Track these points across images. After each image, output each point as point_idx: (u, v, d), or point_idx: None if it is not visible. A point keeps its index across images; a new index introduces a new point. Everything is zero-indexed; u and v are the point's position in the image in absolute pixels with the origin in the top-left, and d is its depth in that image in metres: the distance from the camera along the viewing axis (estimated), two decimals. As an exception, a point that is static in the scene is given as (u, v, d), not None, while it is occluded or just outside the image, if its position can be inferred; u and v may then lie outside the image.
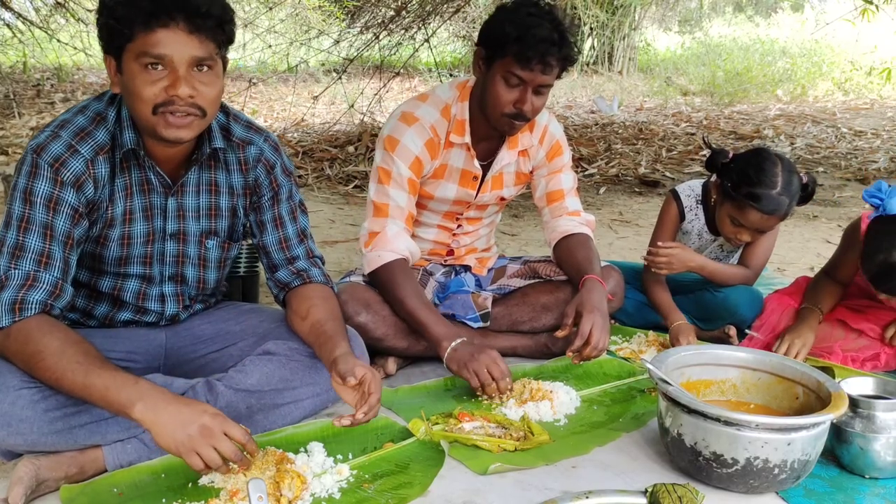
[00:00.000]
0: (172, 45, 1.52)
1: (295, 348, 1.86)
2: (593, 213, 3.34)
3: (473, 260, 2.55)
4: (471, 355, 2.02)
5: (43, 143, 1.60)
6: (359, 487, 1.62)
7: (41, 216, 1.59)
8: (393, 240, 2.18)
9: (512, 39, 2.02)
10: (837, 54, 12.47)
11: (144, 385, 1.48)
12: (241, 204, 1.88)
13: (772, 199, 2.31)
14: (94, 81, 10.01)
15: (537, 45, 2.00)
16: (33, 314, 1.55)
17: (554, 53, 2.03)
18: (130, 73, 1.55)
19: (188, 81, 1.54)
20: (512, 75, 2.06)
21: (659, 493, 1.50)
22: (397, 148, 2.20)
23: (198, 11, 1.52)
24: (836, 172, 6.07)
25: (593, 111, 9.25)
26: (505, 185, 2.40)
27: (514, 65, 2.04)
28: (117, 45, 1.55)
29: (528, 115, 2.12)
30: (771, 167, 2.33)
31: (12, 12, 7.56)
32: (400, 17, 7.07)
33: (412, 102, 2.29)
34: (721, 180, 2.44)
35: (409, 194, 2.22)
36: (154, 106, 1.55)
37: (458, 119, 2.23)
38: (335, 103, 9.20)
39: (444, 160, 2.27)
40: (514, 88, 2.08)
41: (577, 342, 2.07)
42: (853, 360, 2.35)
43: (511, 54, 2.04)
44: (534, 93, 2.09)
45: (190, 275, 1.88)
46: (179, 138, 1.60)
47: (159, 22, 1.50)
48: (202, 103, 1.58)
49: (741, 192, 2.34)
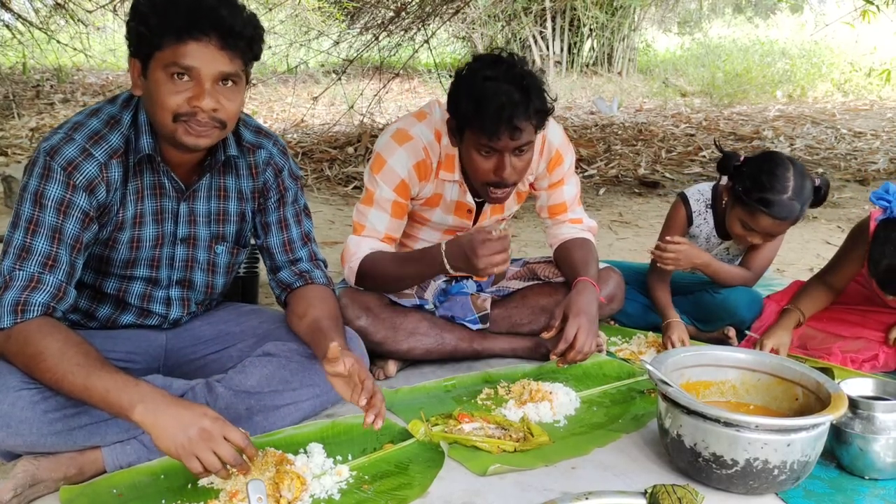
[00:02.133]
0: (202, 59, 1.52)
1: (295, 349, 1.86)
2: (593, 213, 3.35)
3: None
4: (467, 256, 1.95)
5: (56, 145, 1.60)
6: (358, 488, 1.62)
7: (51, 219, 1.59)
8: (356, 249, 2.19)
9: (471, 113, 1.92)
10: (837, 55, 12.47)
11: (145, 387, 1.48)
12: (250, 208, 1.89)
13: (784, 206, 2.28)
14: (94, 82, 10.01)
15: (499, 113, 1.88)
16: (35, 316, 1.54)
17: (520, 116, 1.90)
18: (156, 81, 1.55)
19: (213, 95, 1.55)
20: (482, 146, 1.97)
21: (658, 495, 1.50)
22: (383, 170, 2.16)
23: (231, 30, 1.53)
24: (835, 173, 6.07)
25: (593, 112, 9.25)
26: (506, 209, 2.39)
27: (481, 136, 1.94)
28: (146, 51, 1.55)
29: (510, 181, 2.03)
30: (783, 172, 2.30)
31: (12, 13, 7.56)
32: (399, 18, 7.07)
33: (408, 119, 2.23)
34: (732, 184, 2.41)
35: (391, 217, 2.19)
36: (175, 115, 1.56)
37: (448, 154, 2.17)
38: (335, 104, 9.21)
39: (437, 189, 2.24)
40: (489, 158, 1.99)
41: (561, 346, 2.05)
42: (852, 360, 2.35)
43: (475, 128, 1.94)
44: (513, 155, 1.99)
45: (199, 280, 1.88)
46: (198, 146, 1.62)
47: (191, 35, 1.51)
48: (224, 117, 1.59)
49: (753, 198, 2.31)
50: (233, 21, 1.53)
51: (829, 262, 2.49)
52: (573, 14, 12.06)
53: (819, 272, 2.52)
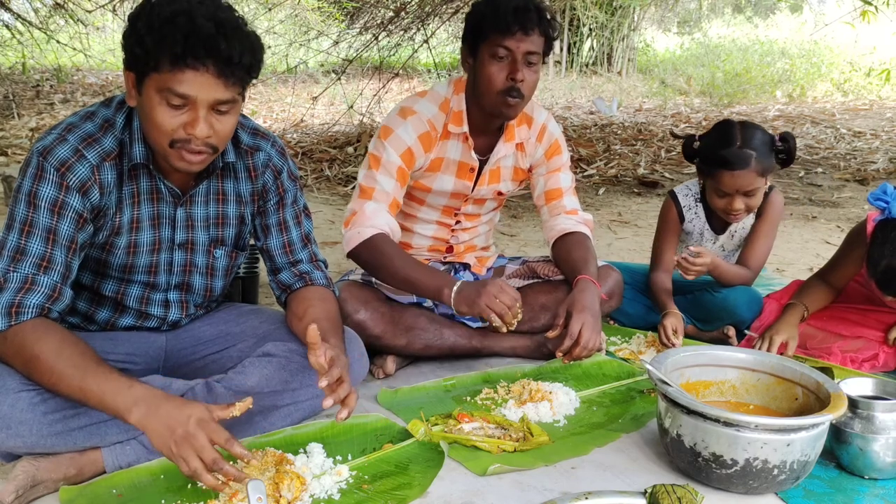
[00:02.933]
0: (198, 88, 1.51)
1: (294, 349, 1.85)
2: (592, 213, 3.34)
3: (473, 258, 2.55)
4: (477, 291, 2.02)
5: (49, 146, 1.59)
6: (358, 488, 1.62)
7: (45, 220, 1.58)
8: (372, 216, 2.18)
9: (488, 15, 2.11)
10: (836, 55, 12.48)
11: (139, 389, 1.48)
12: (249, 211, 1.88)
13: (736, 155, 2.39)
14: (94, 82, 10.02)
15: (513, 11, 2.08)
16: (30, 318, 1.54)
17: (532, 18, 2.09)
18: (150, 102, 1.54)
19: (207, 121, 1.54)
20: (497, 48, 2.10)
21: (658, 494, 1.50)
22: (390, 137, 2.22)
23: (229, 60, 1.50)
24: (835, 173, 6.07)
25: (592, 112, 9.25)
26: (502, 179, 2.41)
27: (496, 37, 2.09)
28: (141, 69, 1.53)
29: (523, 89, 2.13)
30: (729, 129, 2.45)
31: (11, 13, 7.56)
32: (399, 18, 7.07)
33: (411, 98, 2.33)
34: (698, 163, 2.54)
35: (396, 181, 2.23)
36: (171, 141, 1.56)
37: (456, 111, 2.26)
38: (334, 104, 9.21)
39: (440, 153, 2.29)
40: (503, 63, 2.11)
41: (567, 342, 2.08)
42: (852, 360, 2.35)
43: (490, 29, 2.10)
44: (524, 64, 2.11)
45: (197, 283, 1.88)
46: (190, 170, 1.63)
47: (188, 64, 1.48)
48: (216, 142, 1.59)
49: (710, 163, 2.45)
50: (230, 52, 1.49)
51: (828, 263, 2.50)
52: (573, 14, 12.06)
53: (818, 271, 2.52)
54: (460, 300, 2.04)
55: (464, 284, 2.06)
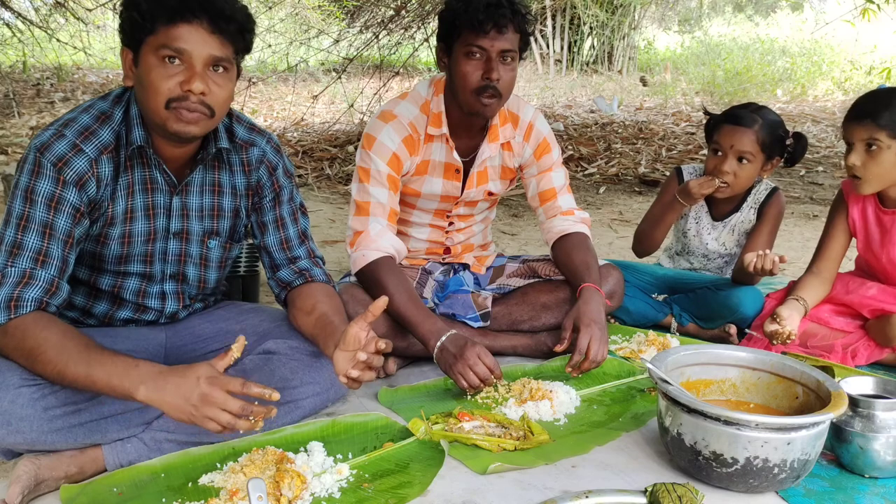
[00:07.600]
0: (193, 42, 1.55)
1: (295, 347, 1.86)
2: (593, 212, 3.35)
3: (472, 258, 2.55)
4: (455, 357, 2.00)
5: (47, 141, 1.61)
6: (358, 487, 1.62)
7: (42, 215, 1.59)
8: (377, 238, 2.18)
9: (461, 13, 2.06)
10: (837, 54, 12.47)
11: (144, 367, 1.49)
12: (244, 205, 1.89)
13: (740, 114, 2.53)
14: (94, 81, 10.01)
15: (485, 8, 2.03)
16: (29, 311, 1.55)
17: (505, 14, 2.05)
18: (147, 66, 1.57)
19: (203, 79, 1.58)
20: (471, 47, 2.07)
21: (659, 493, 1.50)
22: (374, 145, 2.22)
23: (222, 14, 1.57)
24: (835, 172, 6.06)
25: (593, 111, 9.25)
26: (490, 180, 2.40)
27: (469, 36, 2.06)
28: (138, 37, 1.58)
29: (500, 88, 2.10)
30: (750, 103, 2.63)
31: (12, 12, 7.56)
32: (399, 17, 7.07)
33: (392, 101, 2.32)
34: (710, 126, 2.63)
35: (389, 191, 2.23)
36: (168, 100, 1.57)
37: (435, 112, 2.25)
38: (335, 103, 9.21)
39: (425, 156, 2.29)
40: (477, 62, 2.08)
41: (576, 357, 2.08)
42: (853, 356, 2.36)
43: (464, 27, 2.06)
44: (499, 62, 2.08)
45: (191, 274, 1.88)
46: (188, 133, 1.62)
47: (183, 18, 1.54)
48: (212, 103, 1.61)
49: (719, 118, 2.57)
50: (223, 5, 1.57)
51: (816, 248, 2.52)
52: (573, 12, 12.07)
53: (808, 267, 2.52)
54: (440, 357, 2.04)
55: (448, 341, 2.03)
